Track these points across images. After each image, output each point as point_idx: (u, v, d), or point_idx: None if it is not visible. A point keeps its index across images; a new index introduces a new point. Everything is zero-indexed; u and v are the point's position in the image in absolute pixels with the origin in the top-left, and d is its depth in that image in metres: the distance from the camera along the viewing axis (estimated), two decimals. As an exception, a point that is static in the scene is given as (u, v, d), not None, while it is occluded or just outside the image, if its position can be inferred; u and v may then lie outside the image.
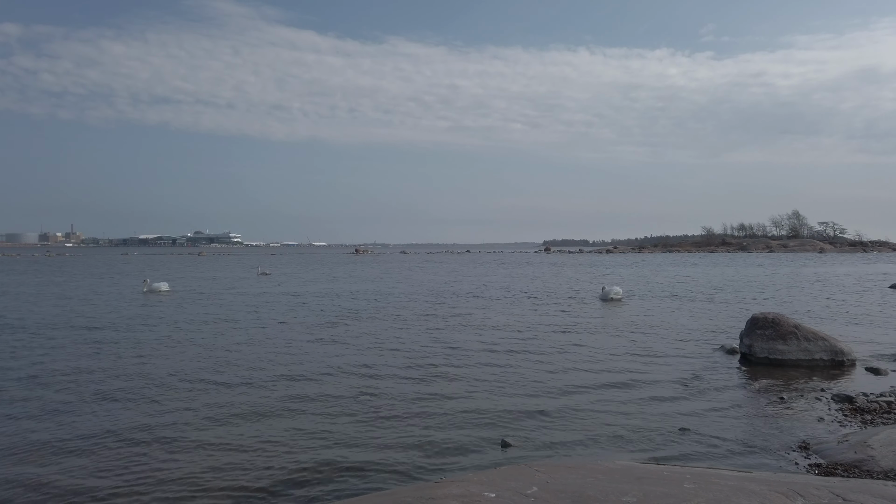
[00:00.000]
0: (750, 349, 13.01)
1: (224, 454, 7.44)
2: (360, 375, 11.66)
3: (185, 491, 6.39)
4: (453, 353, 13.96)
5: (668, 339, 16.12)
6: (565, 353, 14.07)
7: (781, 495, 4.73)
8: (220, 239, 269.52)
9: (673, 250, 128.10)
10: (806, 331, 12.99)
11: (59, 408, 9.43)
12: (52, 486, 6.50)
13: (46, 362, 12.91)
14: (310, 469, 6.98)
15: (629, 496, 4.59)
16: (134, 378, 11.38)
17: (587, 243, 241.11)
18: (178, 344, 15.25)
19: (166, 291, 30.72)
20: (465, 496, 4.56)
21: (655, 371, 12.13)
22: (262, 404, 9.59)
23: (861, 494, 4.83)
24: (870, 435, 7.60)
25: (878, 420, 8.75)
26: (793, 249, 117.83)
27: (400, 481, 6.58)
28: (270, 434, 8.16)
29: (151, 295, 29.70)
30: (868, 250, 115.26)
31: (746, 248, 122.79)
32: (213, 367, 12.37)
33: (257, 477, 6.75)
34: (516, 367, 12.47)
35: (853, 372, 12.12)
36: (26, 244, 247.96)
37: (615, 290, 26.48)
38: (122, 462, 7.22)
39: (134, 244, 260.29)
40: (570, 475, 5.27)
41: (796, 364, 12.42)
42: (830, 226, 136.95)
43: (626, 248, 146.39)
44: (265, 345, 15.16)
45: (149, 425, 8.52)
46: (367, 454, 7.43)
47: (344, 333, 17.01)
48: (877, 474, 6.38)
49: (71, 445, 7.75)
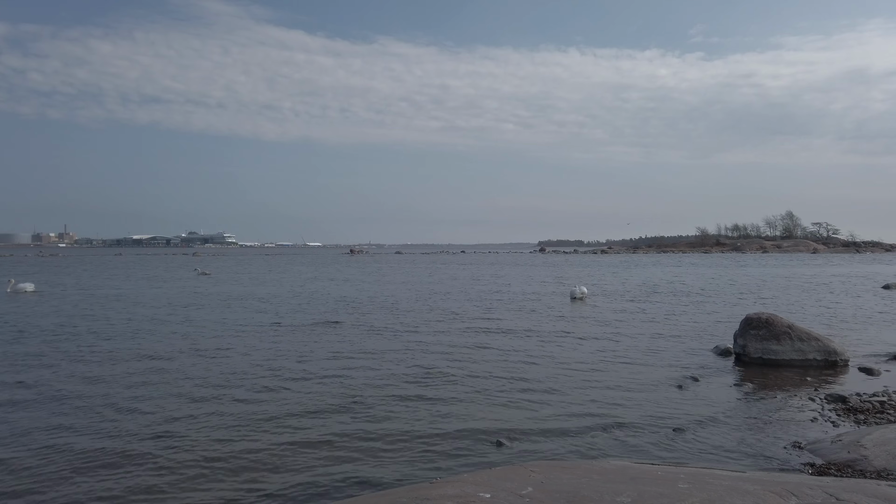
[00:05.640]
0: (744, 349, 13.06)
1: (209, 461, 7.41)
2: (349, 378, 11.64)
3: (174, 501, 6.37)
4: (444, 355, 13.94)
5: (662, 339, 16.15)
6: (560, 353, 14.08)
7: (775, 495, 4.75)
8: (214, 239, 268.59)
9: (667, 251, 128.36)
10: (799, 331, 13.04)
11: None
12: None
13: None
14: (305, 470, 6.96)
15: (624, 496, 4.60)
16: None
17: (582, 243, 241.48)
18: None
19: (31, 292, 30.54)
20: (460, 496, 4.55)
21: (649, 371, 12.15)
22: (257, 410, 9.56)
23: (854, 494, 4.85)
24: (863, 435, 7.64)
25: (871, 420, 8.78)
26: (786, 250, 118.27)
27: (395, 482, 6.57)
28: (262, 438, 8.14)
29: (15, 295, 29.49)
30: (861, 251, 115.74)
31: (740, 249, 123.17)
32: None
33: (252, 480, 6.73)
34: (509, 367, 12.47)
35: (846, 372, 12.18)
36: (19, 245, 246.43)
37: (581, 290, 27.42)
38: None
39: (128, 245, 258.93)
40: (564, 475, 5.27)
41: (790, 364, 12.47)
42: (824, 226, 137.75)
43: (621, 249, 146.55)
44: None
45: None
46: (361, 455, 7.42)
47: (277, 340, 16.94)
48: (870, 474, 6.40)
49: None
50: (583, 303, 25.90)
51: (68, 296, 29.68)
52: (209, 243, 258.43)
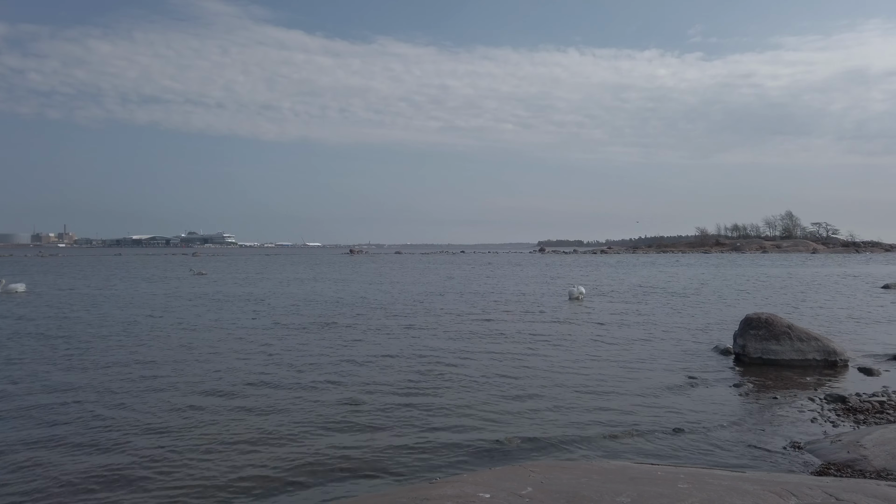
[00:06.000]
0: (743, 349, 13.05)
1: (208, 460, 7.40)
2: (344, 379, 11.63)
3: (166, 497, 6.37)
4: (441, 356, 13.93)
5: (662, 339, 16.14)
6: (558, 353, 14.08)
7: (775, 495, 4.75)
8: (213, 239, 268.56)
9: (667, 251, 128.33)
10: (799, 331, 13.04)
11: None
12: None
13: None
14: (304, 471, 6.96)
15: (624, 496, 4.60)
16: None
17: (581, 244, 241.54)
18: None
19: (22, 292, 30.46)
20: (459, 496, 4.55)
21: (648, 371, 12.14)
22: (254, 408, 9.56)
23: (854, 494, 4.85)
24: (862, 435, 7.64)
25: (870, 420, 8.78)
26: (786, 250, 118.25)
27: (394, 482, 6.56)
28: (263, 435, 8.13)
29: (6, 296, 29.43)
30: (861, 251, 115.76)
31: (740, 249, 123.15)
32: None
33: (250, 479, 6.73)
34: (507, 368, 12.46)
35: (846, 372, 12.18)
36: (19, 245, 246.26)
37: (578, 290, 27.40)
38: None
39: (127, 245, 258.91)
40: (564, 475, 5.27)
41: (790, 364, 12.47)
42: (823, 226, 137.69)
43: (621, 249, 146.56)
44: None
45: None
46: (360, 455, 7.41)
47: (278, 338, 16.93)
48: (869, 474, 6.40)
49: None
50: (580, 303, 25.92)
51: (60, 296, 29.60)
52: (209, 243, 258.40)
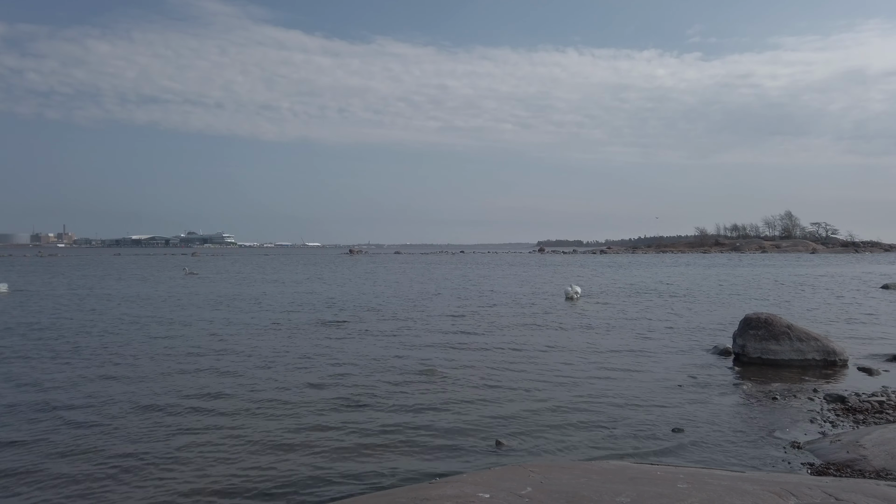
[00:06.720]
0: (743, 349, 13.06)
1: (209, 461, 7.40)
2: (342, 379, 11.63)
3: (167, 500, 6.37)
4: (440, 355, 13.94)
5: (661, 339, 16.15)
6: (557, 353, 14.08)
7: (774, 495, 4.75)
8: (213, 239, 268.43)
9: (666, 251, 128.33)
10: (798, 331, 13.05)
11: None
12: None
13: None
14: (304, 471, 6.96)
15: (623, 496, 4.60)
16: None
17: (581, 244, 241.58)
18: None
19: (4, 293, 30.28)
20: (459, 497, 4.55)
21: (648, 371, 12.15)
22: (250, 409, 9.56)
23: (853, 494, 4.85)
24: (862, 435, 7.64)
25: (870, 420, 8.79)
26: (785, 250, 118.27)
27: (394, 482, 6.56)
28: (258, 437, 8.13)
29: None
30: (860, 251, 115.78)
31: (739, 249, 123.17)
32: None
33: (247, 479, 6.73)
34: (507, 367, 12.46)
35: (845, 372, 12.19)
36: (18, 245, 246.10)
37: (575, 290, 27.53)
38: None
39: (127, 245, 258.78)
40: (564, 475, 5.27)
41: (789, 364, 12.48)
42: (822, 226, 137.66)
43: (620, 249, 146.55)
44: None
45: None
46: (359, 455, 7.42)
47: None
48: (869, 474, 6.41)
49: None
50: (577, 302, 25.92)
51: (46, 296, 29.44)
52: (208, 243, 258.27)
